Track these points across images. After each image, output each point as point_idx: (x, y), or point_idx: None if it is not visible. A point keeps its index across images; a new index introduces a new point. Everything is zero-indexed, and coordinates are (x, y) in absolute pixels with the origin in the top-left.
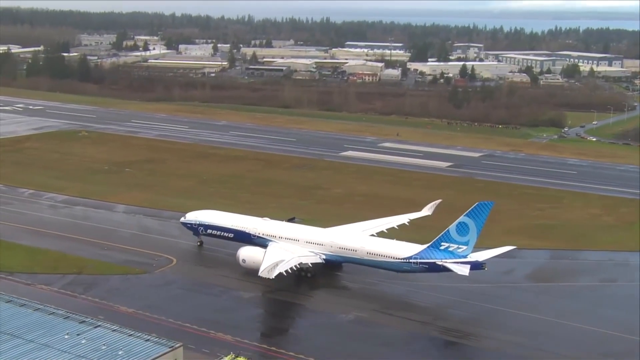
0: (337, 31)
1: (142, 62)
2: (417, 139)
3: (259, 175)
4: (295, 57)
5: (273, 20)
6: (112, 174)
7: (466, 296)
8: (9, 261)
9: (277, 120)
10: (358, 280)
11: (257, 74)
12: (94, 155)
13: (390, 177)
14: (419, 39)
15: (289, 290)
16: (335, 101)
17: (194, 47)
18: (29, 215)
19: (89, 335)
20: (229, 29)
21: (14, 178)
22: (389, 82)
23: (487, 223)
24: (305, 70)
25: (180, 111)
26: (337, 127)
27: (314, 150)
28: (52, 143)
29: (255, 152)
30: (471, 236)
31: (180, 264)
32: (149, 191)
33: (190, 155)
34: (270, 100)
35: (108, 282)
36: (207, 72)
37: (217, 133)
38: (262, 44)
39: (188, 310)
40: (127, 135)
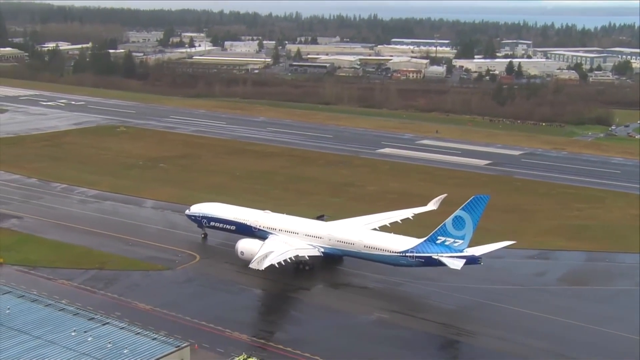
0: (383, 28)
1: (187, 58)
2: (456, 136)
3: (292, 171)
4: (340, 53)
5: (321, 18)
6: (146, 169)
7: (493, 298)
8: (34, 255)
9: (316, 117)
10: (381, 280)
11: (300, 70)
12: (130, 150)
13: (426, 175)
14: (467, 35)
15: (309, 290)
16: (376, 98)
17: (240, 44)
18: (58, 210)
19: (95, 333)
20: (276, 26)
21: (49, 172)
22: (433, 79)
23: (522, 222)
24: (349, 67)
25: (219, 107)
26: (376, 124)
27: (350, 147)
28: (90, 138)
29: (290, 149)
30: (467, 230)
31: (203, 260)
32: (180, 187)
33: (225, 151)
34: (311, 96)
35: (129, 278)
36: (250, 69)
37: (254, 129)
38: (307, 41)
39: (206, 308)
40: (165, 130)
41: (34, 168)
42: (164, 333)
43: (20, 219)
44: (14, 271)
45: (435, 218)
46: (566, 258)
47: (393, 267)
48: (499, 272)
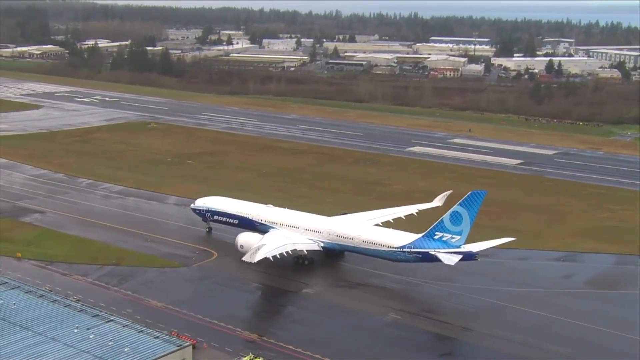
0: (423, 26)
1: (224, 56)
2: (489, 135)
3: (319, 169)
4: (377, 51)
5: (360, 16)
6: (173, 166)
7: (514, 301)
8: (52, 250)
9: (347, 115)
10: (399, 280)
11: (336, 68)
12: (159, 146)
13: (454, 174)
14: (508, 34)
15: (326, 288)
16: (410, 96)
17: (277, 42)
18: (81, 205)
19: (98, 330)
20: (316, 24)
21: (76, 168)
22: (471, 77)
23: (551, 223)
24: (386, 65)
25: (251, 104)
26: (408, 122)
27: (380, 145)
28: (121, 134)
29: (319, 146)
30: (464, 226)
31: (221, 258)
32: (205, 183)
33: (254, 148)
34: (344, 94)
35: (144, 274)
36: (286, 66)
37: (284, 126)
38: (345, 39)
39: (219, 307)
40: (195, 127)
41: (61, 163)
42: (168, 332)
43: (42, 214)
44: (31, 266)
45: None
46: (594, 261)
47: (411, 266)
48: (523, 274)
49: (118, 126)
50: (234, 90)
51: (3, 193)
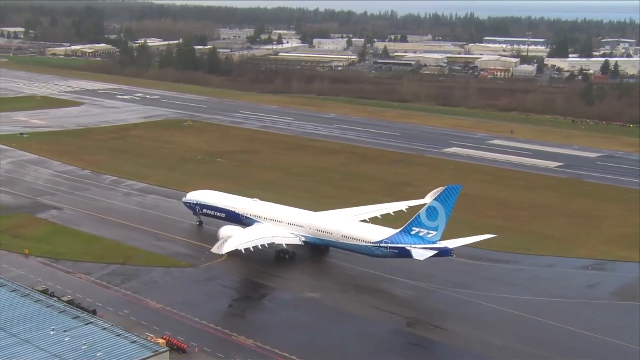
0: (478, 27)
1: (272, 55)
2: (531, 136)
3: (350, 169)
4: (428, 51)
5: (415, 16)
6: (203, 164)
7: (533, 311)
8: (62, 247)
9: (387, 114)
10: (412, 286)
11: (385, 68)
12: (192, 144)
13: (489, 176)
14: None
15: (333, 292)
16: (455, 96)
17: (328, 41)
18: (100, 202)
19: (75, 333)
20: (370, 24)
21: (104, 164)
22: (522, 78)
23: (585, 228)
24: (435, 65)
25: (291, 103)
26: (448, 123)
27: (416, 145)
28: (156, 131)
29: (352, 146)
30: (440, 221)
31: (231, 259)
32: (230, 182)
33: (286, 147)
34: (388, 94)
35: (149, 274)
36: (334, 66)
37: (321, 125)
38: (396, 39)
39: (219, 310)
40: (231, 125)
41: (91, 160)
42: (146, 336)
43: (60, 210)
44: (37, 263)
45: None
46: (624, 270)
47: (427, 272)
48: (546, 282)
49: (154, 123)
50: (277, 89)
51: (26, 189)
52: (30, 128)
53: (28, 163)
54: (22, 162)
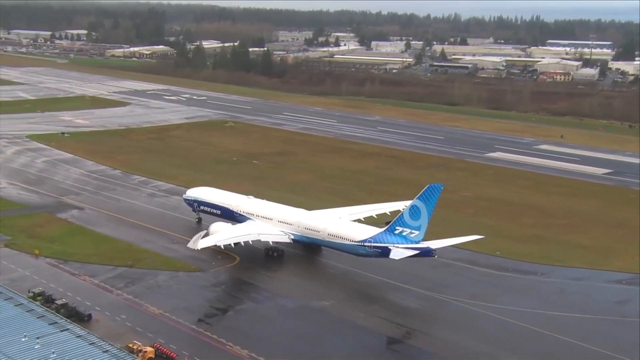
0: (542, 29)
1: (328, 57)
2: (582, 142)
3: (386, 173)
4: (487, 54)
5: (479, 19)
6: (236, 165)
7: (553, 327)
8: (74, 248)
9: (433, 117)
10: (425, 296)
11: (440, 70)
12: (229, 145)
13: (530, 182)
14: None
15: (342, 302)
16: (507, 100)
17: (386, 44)
18: (122, 203)
19: (46, 340)
20: (431, 27)
21: (136, 165)
22: (583, 81)
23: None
24: (493, 68)
25: (337, 105)
26: (496, 127)
27: (458, 149)
28: (196, 132)
29: (391, 149)
30: (423, 221)
31: (241, 264)
32: (260, 184)
33: (324, 149)
34: (439, 97)
35: (154, 278)
36: (388, 68)
37: (363, 128)
38: (456, 42)
39: (219, 317)
40: (271, 127)
41: (124, 160)
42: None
43: (80, 210)
44: (44, 264)
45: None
46: None
47: (445, 282)
48: (573, 296)
49: (196, 124)
50: (327, 91)
51: (53, 188)
52: (73, 128)
53: (61, 162)
54: (55, 161)
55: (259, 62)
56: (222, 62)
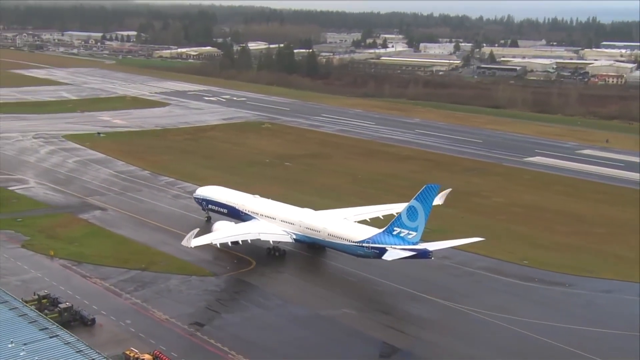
0: (597, 31)
1: (374, 59)
2: (628, 147)
3: (419, 176)
4: (537, 57)
5: (533, 21)
6: (269, 167)
7: (573, 343)
8: (90, 249)
9: (475, 120)
10: (445, 308)
11: (488, 73)
12: (264, 147)
13: (567, 188)
14: None
15: (353, 312)
16: (553, 103)
17: (434, 46)
18: (146, 204)
19: (34, 347)
20: (483, 29)
21: (166, 166)
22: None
23: None
24: (542, 70)
25: (377, 107)
26: (539, 130)
27: (496, 153)
28: (232, 133)
29: (428, 152)
30: (420, 222)
31: (257, 268)
32: (289, 186)
33: (359, 152)
34: (483, 100)
35: (166, 282)
36: (435, 70)
37: (401, 131)
38: (506, 44)
39: (225, 325)
40: (308, 129)
41: (155, 160)
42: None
43: (103, 211)
44: (57, 265)
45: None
46: None
47: (466, 293)
48: (601, 310)
49: (233, 125)
50: (370, 93)
51: (80, 188)
52: (110, 128)
53: (92, 162)
54: (87, 162)
55: (304, 63)
56: (267, 63)
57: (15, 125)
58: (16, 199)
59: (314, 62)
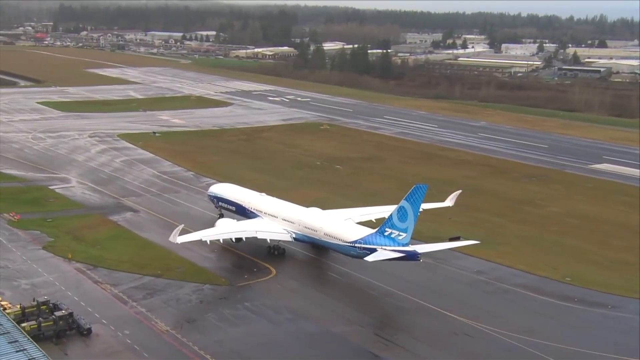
0: None
1: (452, 59)
2: None
3: (474, 183)
4: (625, 57)
5: (628, 21)
6: (318, 170)
7: None
8: (111, 253)
9: (545, 124)
10: (463, 327)
11: (570, 74)
12: (318, 149)
13: (633, 199)
14: None
15: (366, 329)
16: (632, 106)
17: (517, 46)
18: (180, 207)
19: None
20: (572, 29)
21: (212, 167)
22: None
23: None
24: (629, 72)
25: (444, 109)
26: (611, 135)
27: (560, 159)
28: (288, 134)
29: (487, 157)
30: (409, 222)
31: (277, 278)
32: (333, 191)
33: (414, 156)
34: (558, 102)
35: (177, 290)
36: (513, 72)
37: (463, 134)
38: (593, 44)
39: (227, 339)
40: (366, 130)
41: (203, 161)
42: None
43: (135, 213)
44: (72, 269)
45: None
46: None
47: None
48: None
49: (291, 126)
50: (441, 95)
51: (119, 188)
52: (168, 127)
53: (139, 162)
54: (133, 161)
55: (378, 64)
56: (341, 63)
57: (75, 124)
58: (53, 199)
59: (387, 63)
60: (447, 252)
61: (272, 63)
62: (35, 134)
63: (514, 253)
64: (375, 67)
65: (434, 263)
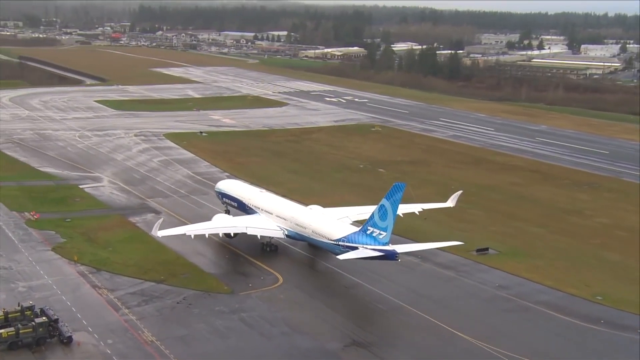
0: None
1: (525, 61)
2: None
3: (519, 190)
4: None
5: None
6: (359, 173)
7: None
8: (119, 256)
9: (610, 129)
10: (472, 349)
11: None
12: (365, 151)
13: None
14: None
15: (361, 348)
16: None
17: (596, 47)
18: (204, 209)
19: None
20: None
21: (250, 168)
22: None
23: None
24: None
25: (504, 112)
26: None
27: (617, 166)
28: (337, 136)
29: (539, 163)
30: (389, 221)
31: (282, 287)
32: (367, 196)
33: (463, 160)
34: (629, 106)
35: (175, 297)
36: (589, 74)
37: (519, 138)
38: None
39: (214, 352)
40: (418, 133)
41: (241, 162)
42: None
43: (155, 214)
44: (74, 272)
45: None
46: None
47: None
48: None
49: (342, 127)
50: (506, 97)
51: (148, 189)
52: (216, 127)
53: (176, 162)
54: (171, 161)
55: (446, 65)
56: (409, 64)
57: (125, 123)
58: (80, 198)
59: (456, 64)
60: (472, 265)
61: (338, 63)
62: (84, 132)
63: (544, 267)
64: (443, 68)
65: (456, 276)
